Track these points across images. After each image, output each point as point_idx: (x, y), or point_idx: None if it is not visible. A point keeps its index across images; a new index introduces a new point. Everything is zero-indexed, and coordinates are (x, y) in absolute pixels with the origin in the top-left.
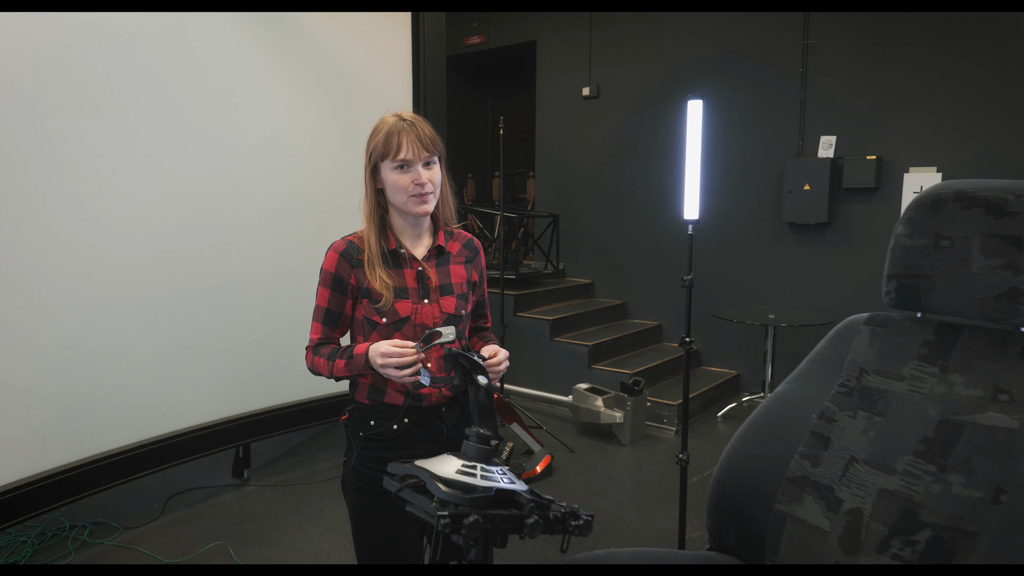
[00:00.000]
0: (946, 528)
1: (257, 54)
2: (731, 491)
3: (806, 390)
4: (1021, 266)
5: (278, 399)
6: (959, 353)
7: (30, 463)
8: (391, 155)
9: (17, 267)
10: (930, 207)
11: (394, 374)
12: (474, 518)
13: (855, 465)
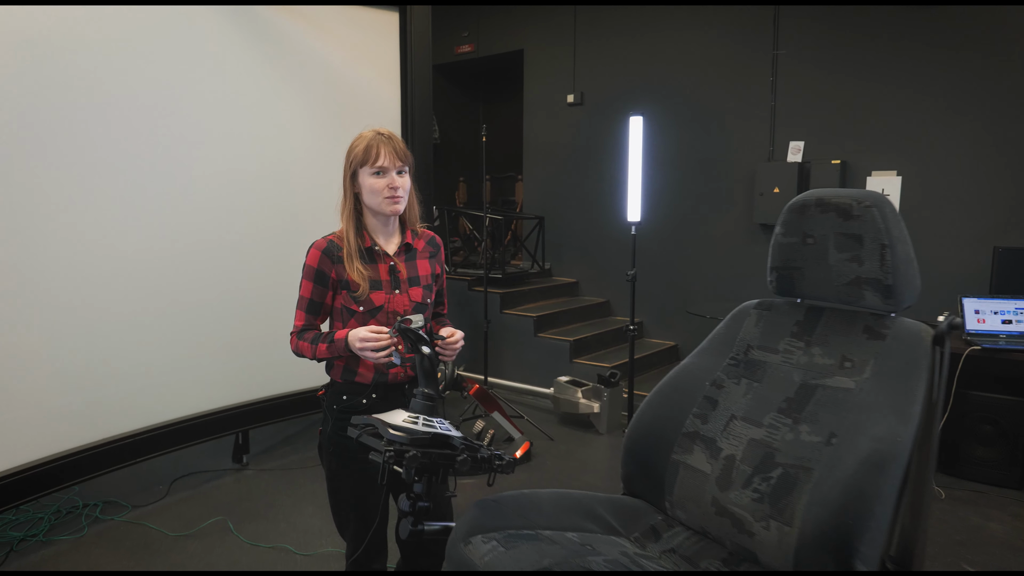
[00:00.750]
0: (792, 466)
1: (250, 65)
2: (639, 445)
3: (704, 363)
4: (862, 259)
5: (274, 390)
6: (820, 330)
7: (47, 444)
8: (370, 162)
9: (40, 268)
10: (798, 211)
11: (371, 356)
12: (413, 452)
13: (734, 421)
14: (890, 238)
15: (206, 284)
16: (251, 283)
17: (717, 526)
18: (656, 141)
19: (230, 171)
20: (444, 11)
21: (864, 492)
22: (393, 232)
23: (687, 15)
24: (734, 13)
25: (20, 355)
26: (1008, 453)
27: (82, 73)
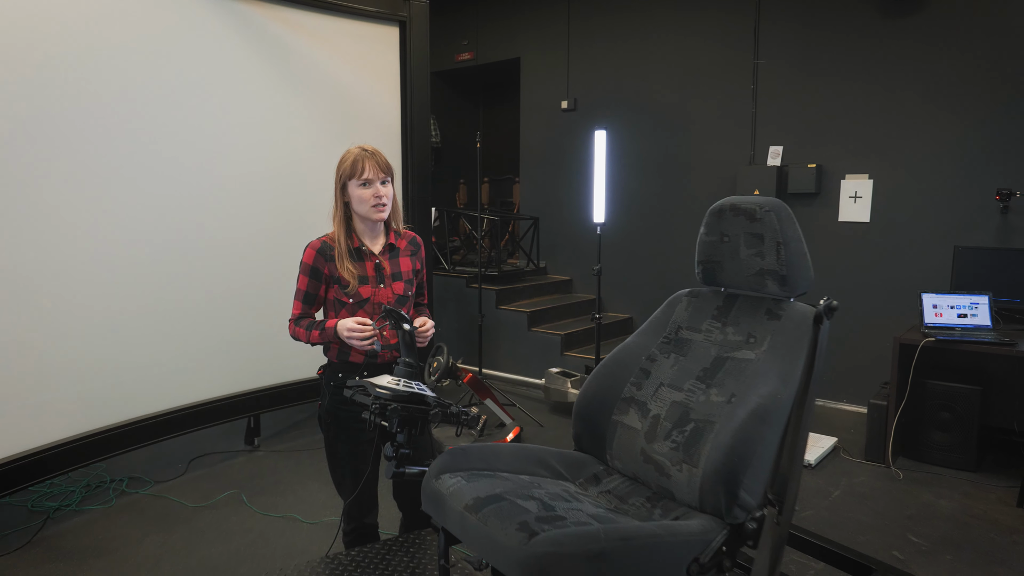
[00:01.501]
0: (701, 421)
1: (260, 76)
2: (586, 410)
3: (642, 341)
4: (764, 254)
5: (284, 378)
6: (734, 313)
7: (78, 424)
8: (357, 175)
9: (73, 261)
10: (717, 214)
11: (356, 344)
12: (394, 406)
13: (662, 388)
14: (784, 237)
15: (220, 281)
16: (261, 279)
17: (644, 471)
18: (644, 145)
19: (242, 175)
20: (445, 20)
21: (749, 437)
22: (378, 234)
23: (674, 25)
24: (717, 23)
25: (57, 344)
26: (963, 438)
27: (100, 81)
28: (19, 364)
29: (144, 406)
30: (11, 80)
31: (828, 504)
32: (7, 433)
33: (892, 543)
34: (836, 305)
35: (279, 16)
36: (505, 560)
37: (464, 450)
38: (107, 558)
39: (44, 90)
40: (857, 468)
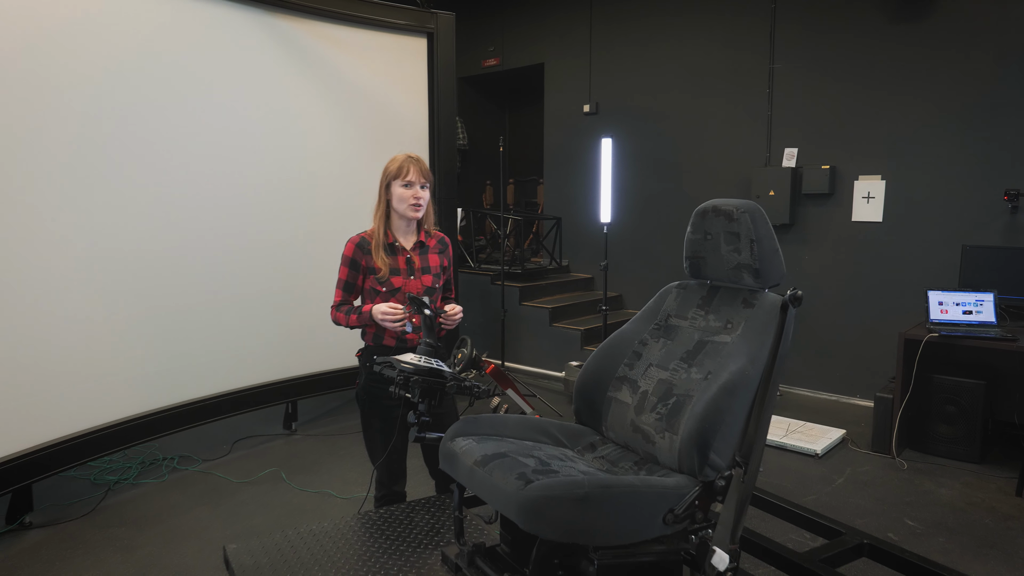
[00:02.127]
0: (682, 395)
1: (296, 87)
2: (585, 387)
3: (636, 327)
4: (740, 250)
5: (320, 367)
6: (716, 302)
7: (135, 404)
8: (401, 177)
9: (149, 261)
10: (701, 215)
11: (389, 325)
12: (415, 378)
13: (651, 368)
14: (757, 235)
15: (263, 278)
16: (300, 277)
17: (633, 440)
18: (663, 147)
19: (282, 180)
20: (472, 27)
21: (719, 407)
22: (411, 232)
23: (692, 31)
24: (734, 29)
25: (117, 333)
26: (968, 431)
27: (169, 93)
28: (86, 350)
29: (192, 391)
30: (107, 96)
31: (830, 490)
32: (72, 412)
33: (888, 526)
34: (801, 295)
35: (315, 30)
36: (506, 503)
37: (476, 418)
38: (162, 525)
39: (113, 97)
40: (863, 458)
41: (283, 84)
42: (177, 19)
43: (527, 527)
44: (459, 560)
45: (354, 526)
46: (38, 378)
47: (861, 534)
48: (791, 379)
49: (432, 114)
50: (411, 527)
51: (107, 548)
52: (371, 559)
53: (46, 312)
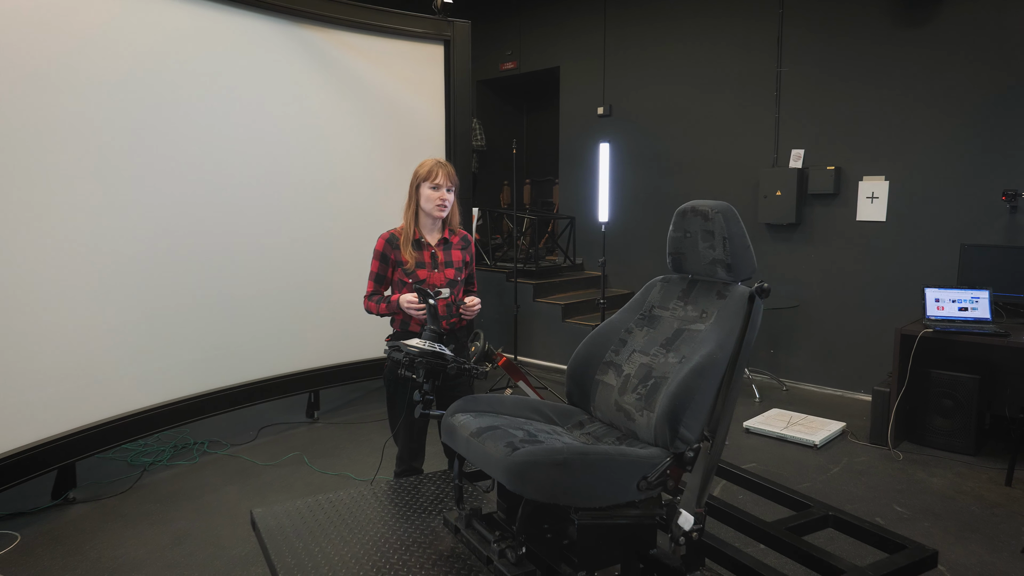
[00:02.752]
0: (659, 377)
1: (321, 93)
2: (576, 371)
3: (623, 317)
4: (715, 246)
5: (342, 358)
6: (694, 294)
7: (169, 391)
8: (430, 179)
9: (169, 260)
10: (681, 214)
11: (413, 313)
12: (420, 359)
13: (634, 353)
14: (729, 233)
15: (288, 272)
16: (322, 271)
17: (617, 418)
18: (674, 148)
19: (309, 182)
20: (490, 32)
21: (689, 387)
22: (436, 230)
23: (702, 35)
24: (743, 33)
25: (151, 325)
26: (963, 424)
27: (204, 101)
28: (123, 340)
29: (222, 380)
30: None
31: (825, 478)
32: (111, 397)
33: (876, 511)
34: (767, 287)
35: (339, 39)
36: (495, 467)
37: (475, 397)
38: (194, 501)
39: (132, 99)
40: (860, 450)
41: (309, 90)
42: (210, 29)
43: (513, 488)
44: (458, 523)
45: (367, 495)
46: (80, 364)
47: (827, 507)
48: (797, 374)
49: (448, 118)
50: (418, 496)
51: (144, 520)
52: (381, 522)
53: (93, 303)
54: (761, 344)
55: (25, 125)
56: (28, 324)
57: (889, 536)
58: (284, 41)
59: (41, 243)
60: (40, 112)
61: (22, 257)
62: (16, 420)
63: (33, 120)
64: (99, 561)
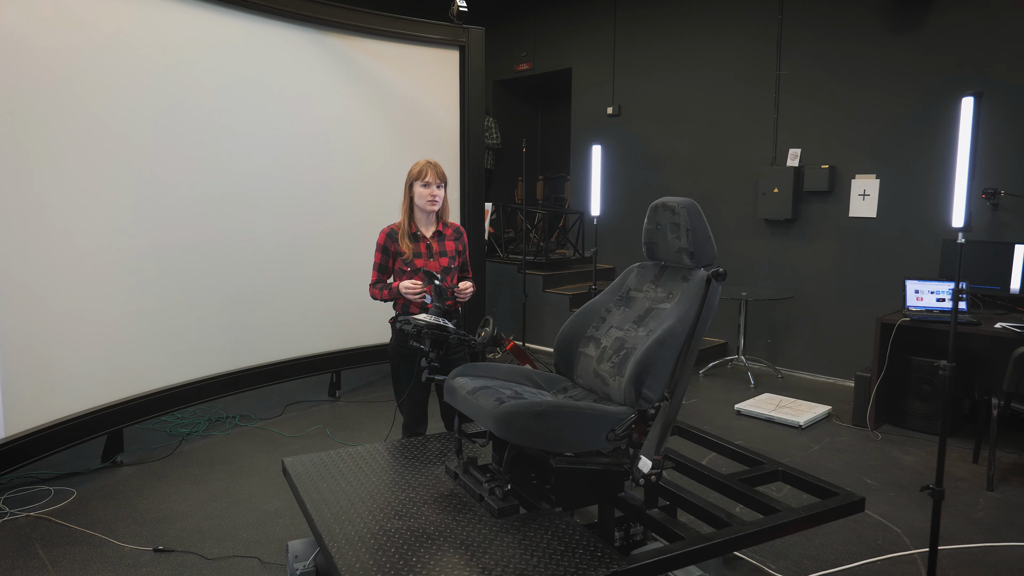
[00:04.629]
0: (630, 348)
1: (344, 97)
2: (562, 344)
3: (604, 298)
4: (680, 237)
5: (363, 342)
6: (664, 278)
7: (207, 367)
8: (421, 178)
9: (209, 248)
10: (653, 209)
11: (412, 297)
12: (427, 330)
13: (612, 328)
14: (692, 225)
15: (314, 261)
16: (346, 260)
17: (595, 384)
18: (679, 147)
19: (333, 178)
20: (505, 34)
21: (651, 354)
22: (431, 223)
23: (706, 39)
24: (744, 37)
25: (191, 306)
26: (939, 407)
27: (210, 92)
28: (164, 319)
29: (252, 359)
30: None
31: (805, 455)
32: (151, 374)
33: (847, 483)
34: (723, 272)
35: (360, 46)
36: (486, 417)
37: (474, 364)
38: (229, 465)
39: (163, 98)
40: (842, 431)
41: (333, 93)
42: (244, 36)
43: (499, 434)
44: (457, 470)
45: (381, 449)
46: (125, 343)
47: (777, 463)
48: (792, 363)
49: (463, 118)
50: (425, 451)
51: (185, 480)
52: (392, 470)
53: (135, 289)
54: (759, 334)
55: (50, 124)
56: (79, 307)
57: (826, 486)
58: (311, 48)
59: (91, 236)
60: (69, 112)
61: (72, 251)
62: (69, 391)
63: (62, 119)
64: (146, 512)
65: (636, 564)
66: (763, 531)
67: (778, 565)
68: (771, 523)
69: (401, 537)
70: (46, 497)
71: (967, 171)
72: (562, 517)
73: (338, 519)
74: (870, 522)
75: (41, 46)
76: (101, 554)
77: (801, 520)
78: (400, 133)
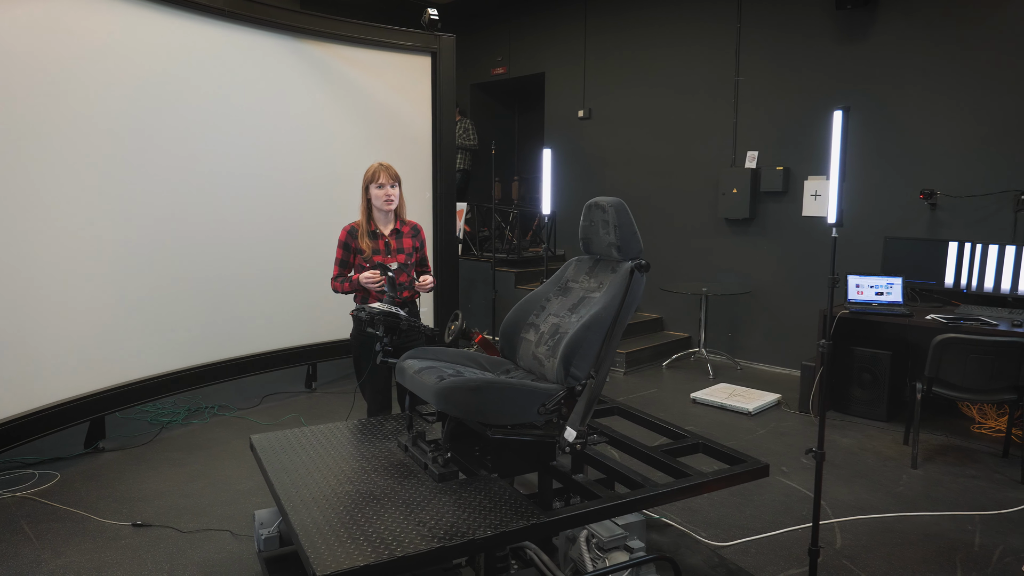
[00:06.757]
0: (563, 332)
1: (321, 101)
2: (507, 330)
3: (544, 289)
4: (610, 232)
5: (338, 335)
6: (596, 270)
7: (185, 358)
8: (375, 181)
9: (184, 242)
10: (589, 207)
11: (372, 287)
12: (379, 316)
13: (550, 316)
14: (619, 222)
15: (291, 256)
16: (321, 256)
17: (533, 365)
18: (646, 149)
19: (309, 178)
20: (481, 39)
21: (578, 337)
22: (389, 221)
23: (671, 47)
24: (706, 45)
25: (172, 297)
26: (877, 394)
27: (195, 102)
28: (146, 310)
29: (231, 351)
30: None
31: (751, 438)
32: (132, 364)
33: (785, 462)
34: (645, 264)
35: (336, 52)
36: (428, 392)
37: (424, 348)
38: (207, 450)
39: (145, 104)
40: (788, 416)
41: (310, 97)
42: (220, 43)
43: (439, 407)
44: (407, 443)
45: (342, 427)
46: (107, 333)
47: (699, 437)
48: (751, 355)
49: (435, 122)
50: (382, 429)
51: (164, 464)
52: (350, 444)
53: (117, 281)
54: (719, 328)
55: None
56: (63, 298)
57: (738, 455)
58: (286, 54)
59: (76, 229)
60: (60, 111)
61: (58, 243)
62: (53, 379)
63: (54, 118)
64: (126, 492)
65: (553, 517)
66: (671, 492)
67: (708, 533)
68: (678, 485)
69: (351, 499)
70: (31, 480)
71: (838, 175)
72: (496, 482)
73: (296, 485)
74: (798, 495)
75: (23, 50)
76: (83, 529)
77: (708, 483)
78: (374, 135)
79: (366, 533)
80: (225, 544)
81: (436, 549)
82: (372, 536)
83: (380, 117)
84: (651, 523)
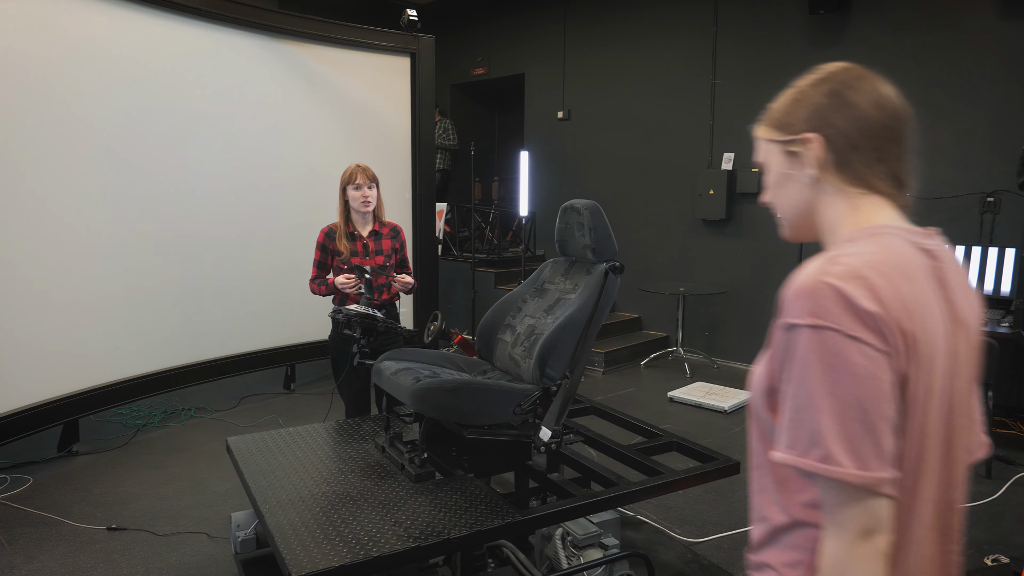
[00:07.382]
0: (539, 334)
1: (300, 102)
2: (484, 331)
3: (521, 290)
4: (585, 235)
5: (317, 336)
6: (572, 272)
7: (162, 360)
8: (352, 182)
9: (160, 243)
10: (564, 210)
11: (348, 290)
12: (356, 318)
13: (526, 317)
14: (594, 225)
15: (269, 257)
16: (300, 257)
17: (509, 366)
18: (625, 150)
19: (288, 178)
20: (461, 39)
21: (553, 338)
22: (367, 223)
23: (650, 49)
24: (684, 48)
25: (148, 299)
26: None
27: (173, 104)
28: (122, 312)
29: (208, 352)
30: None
31: (726, 436)
32: (107, 366)
33: None
34: (619, 265)
35: (315, 53)
36: (404, 394)
37: (401, 350)
38: (184, 453)
39: (122, 104)
40: None
41: (288, 97)
42: (197, 43)
43: (415, 408)
44: (384, 444)
45: (319, 429)
46: (81, 335)
47: (673, 435)
48: (728, 354)
49: (414, 122)
50: (360, 431)
51: (140, 467)
52: (328, 446)
53: (91, 284)
54: (696, 327)
55: (26, 122)
56: (36, 299)
57: (710, 453)
58: (263, 55)
59: (48, 231)
60: (42, 111)
61: (31, 243)
62: (25, 381)
63: (34, 118)
64: (101, 496)
65: (528, 516)
66: (644, 490)
67: (683, 529)
68: (651, 483)
69: (327, 500)
70: (2, 484)
71: None
72: (472, 481)
73: (272, 487)
74: None
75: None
76: (57, 533)
77: (680, 480)
78: (353, 136)
79: (342, 534)
80: (202, 547)
81: (412, 548)
82: (348, 537)
83: (359, 117)
84: (626, 521)
